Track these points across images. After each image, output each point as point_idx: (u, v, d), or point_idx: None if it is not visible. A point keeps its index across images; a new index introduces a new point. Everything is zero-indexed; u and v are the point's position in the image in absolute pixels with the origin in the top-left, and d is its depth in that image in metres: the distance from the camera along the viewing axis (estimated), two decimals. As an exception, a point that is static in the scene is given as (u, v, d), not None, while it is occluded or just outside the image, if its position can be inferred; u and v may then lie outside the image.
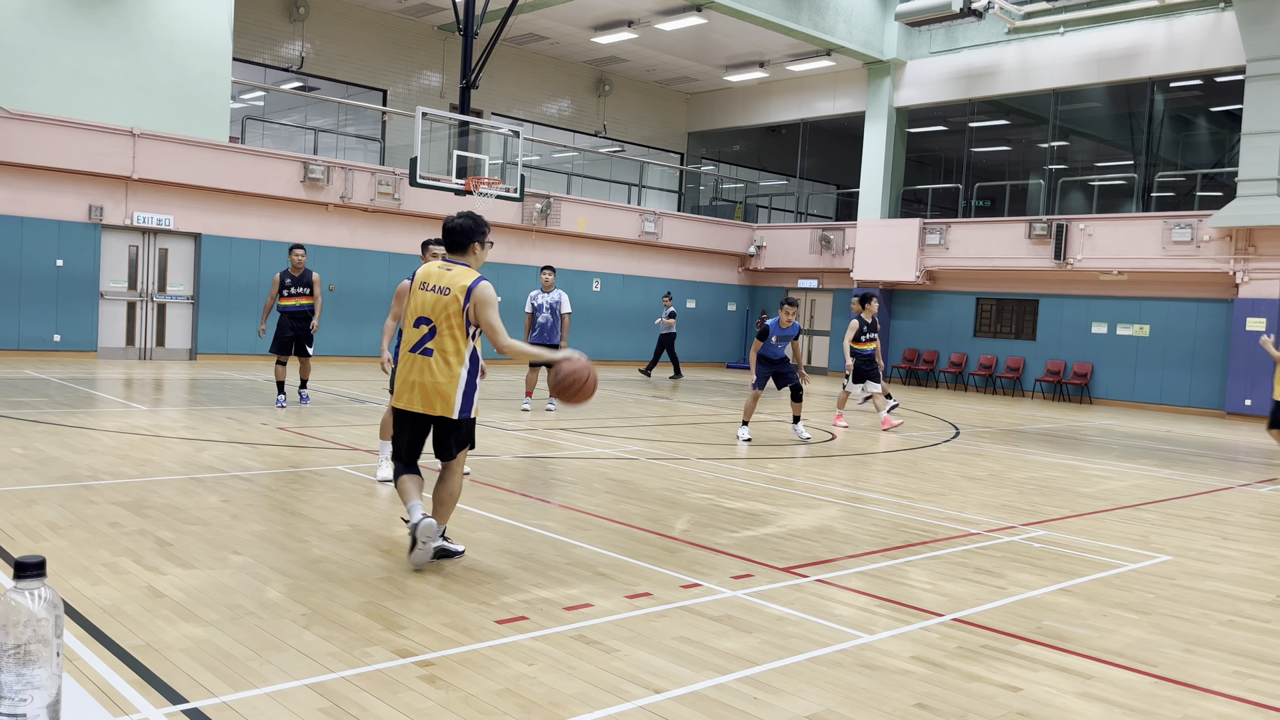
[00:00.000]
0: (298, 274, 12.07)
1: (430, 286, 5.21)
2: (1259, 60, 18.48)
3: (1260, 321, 18.93)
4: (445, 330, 5.15)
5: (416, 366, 5.16)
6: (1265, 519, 8.32)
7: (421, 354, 5.15)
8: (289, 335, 11.94)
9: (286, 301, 12.01)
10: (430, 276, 5.25)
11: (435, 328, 5.15)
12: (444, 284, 5.20)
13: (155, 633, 4.00)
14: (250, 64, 21.61)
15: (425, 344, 5.16)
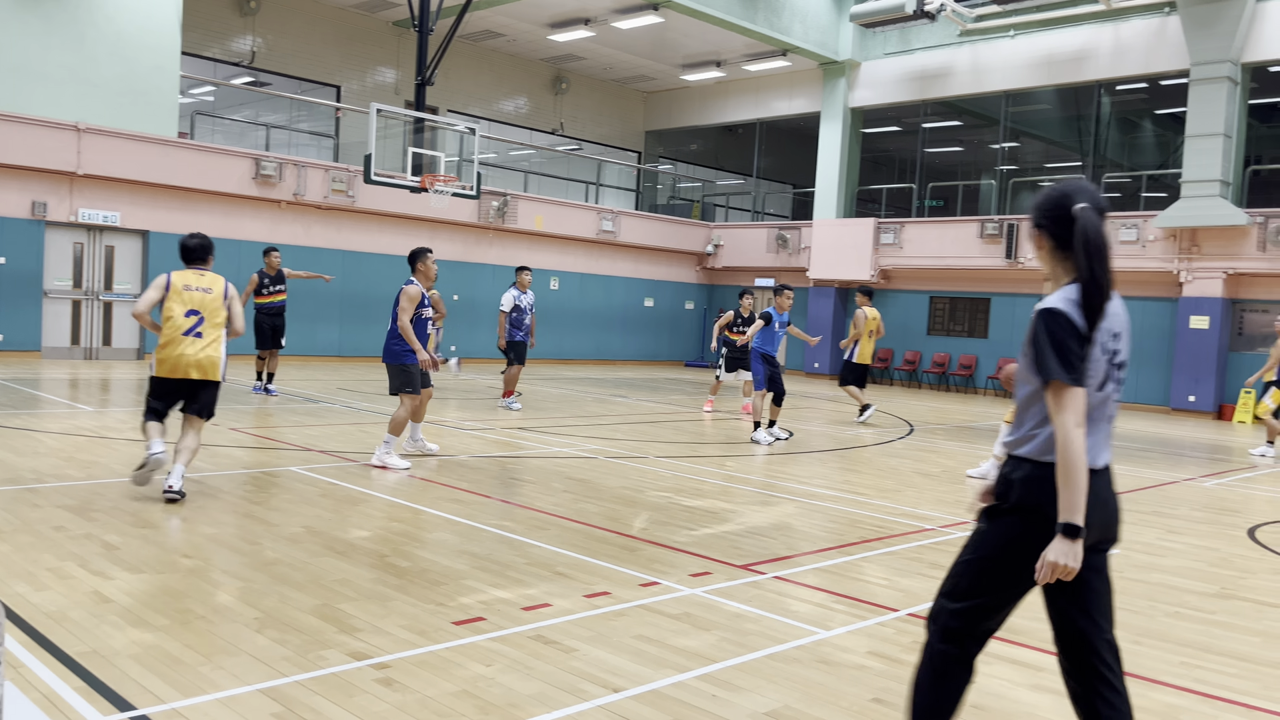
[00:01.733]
0: (274, 274, 13.50)
1: (194, 288, 6.84)
2: (1202, 64, 18.92)
3: (1204, 320, 19.38)
4: (211, 319, 6.83)
5: (192, 346, 6.71)
6: (1209, 513, 8.52)
7: (195, 336, 6.74)
8: (267, 329, 13.41)
9: (264, 300, 13.44)
10: (191, 280, 6.86)
11: (203, 318, 6.80)
12: (205, 285, 6.89)
13: (102, 639, 3.92)
14: (200, 58, 21.23)
15: (196, 329, 6.76)
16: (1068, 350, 2.71)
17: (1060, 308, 2.75)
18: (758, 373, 11.59)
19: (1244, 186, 19.82)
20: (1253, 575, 6.21)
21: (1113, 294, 2.82)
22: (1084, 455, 2.67)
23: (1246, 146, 19.95)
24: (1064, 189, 2.85)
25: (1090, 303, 2.75)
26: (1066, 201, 2.82)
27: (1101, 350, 2.79)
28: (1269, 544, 7.22)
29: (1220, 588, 5.84)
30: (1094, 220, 2.77)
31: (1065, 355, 2.71)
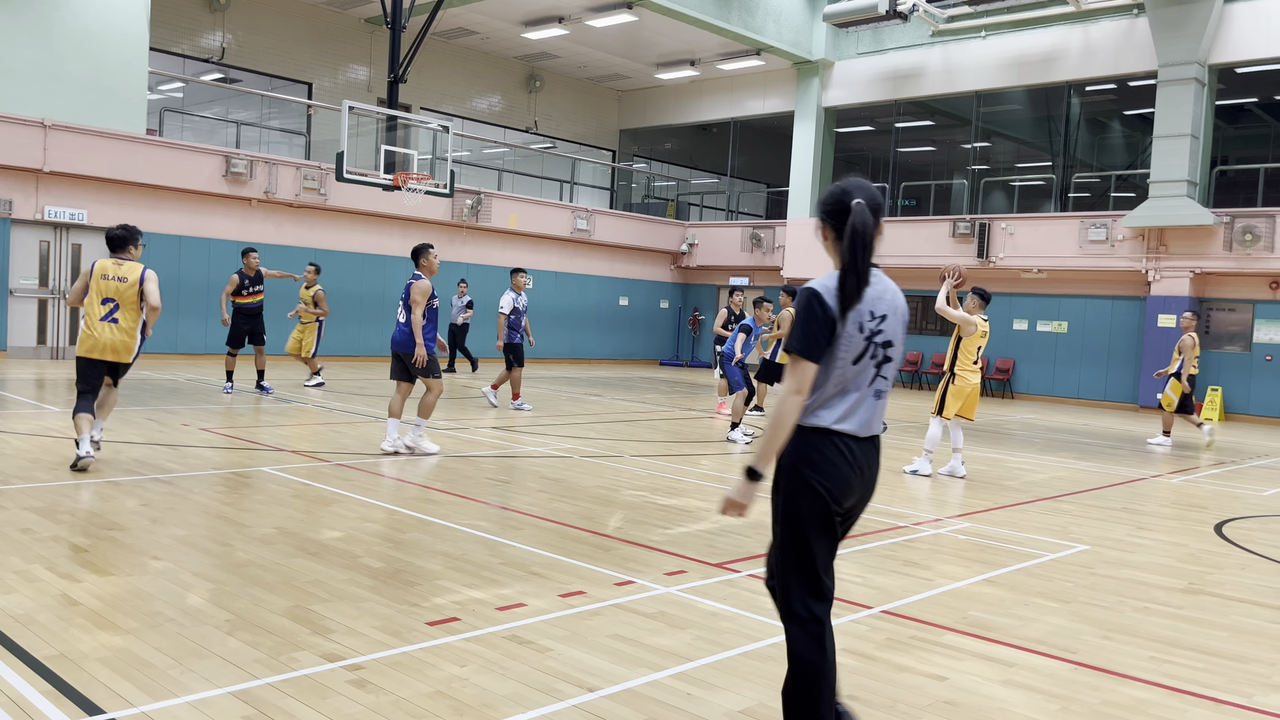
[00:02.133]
0: (252, 274, 13.54)
1: (111, 276, 7.50)
2: (1170, 65, 19.16)
3: (1171, 318, 19.64)
4: (126, 306, 7.51)
5: (108, 331, 7.51)
6: (1177, 508, 8.63)
7: (110, 322, 7.51)
8: (244, 329, 13.46)
9: (244, 300, 13.45)
10: (110, 269, 7.53)
11: (118, 304, 7.50)
12: (122, 274, 7.52)
13: (70, 642, 3.87)
14: (168, 54, 20.98)
15: (112, 315, 7.50)
16: (809, 327, 3.05)
17: (819, 290, 3.08)
18: (734, 375, 11.90)
19: (1211, 187, 20.10)
20: (1220, 570, 6.30)
21: (876, 280, 3.14)
22: (791, 418, 3.04)
23: (1213, 147, 20.24)
24: (844, 185, 3.14)
25: (846, 288, 3.05)
26: (845, 198, 3.10)
27: (859, 329, 3.09)
28: (1236, 539, 7.33)
29: (1188, 583, 5.92)
30: (864, 215, 3.06)
31: (806, 331, 3.05)
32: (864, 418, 3.13)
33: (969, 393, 9.58)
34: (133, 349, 7.61)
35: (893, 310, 3.18)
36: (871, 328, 3.12)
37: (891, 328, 3.18)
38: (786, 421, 3.03)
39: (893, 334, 3.18)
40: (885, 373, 3.18)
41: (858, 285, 3.05)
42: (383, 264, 21.69)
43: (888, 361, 3.18)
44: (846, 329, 3.07)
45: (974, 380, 9.58)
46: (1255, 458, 12.92)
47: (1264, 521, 8.17)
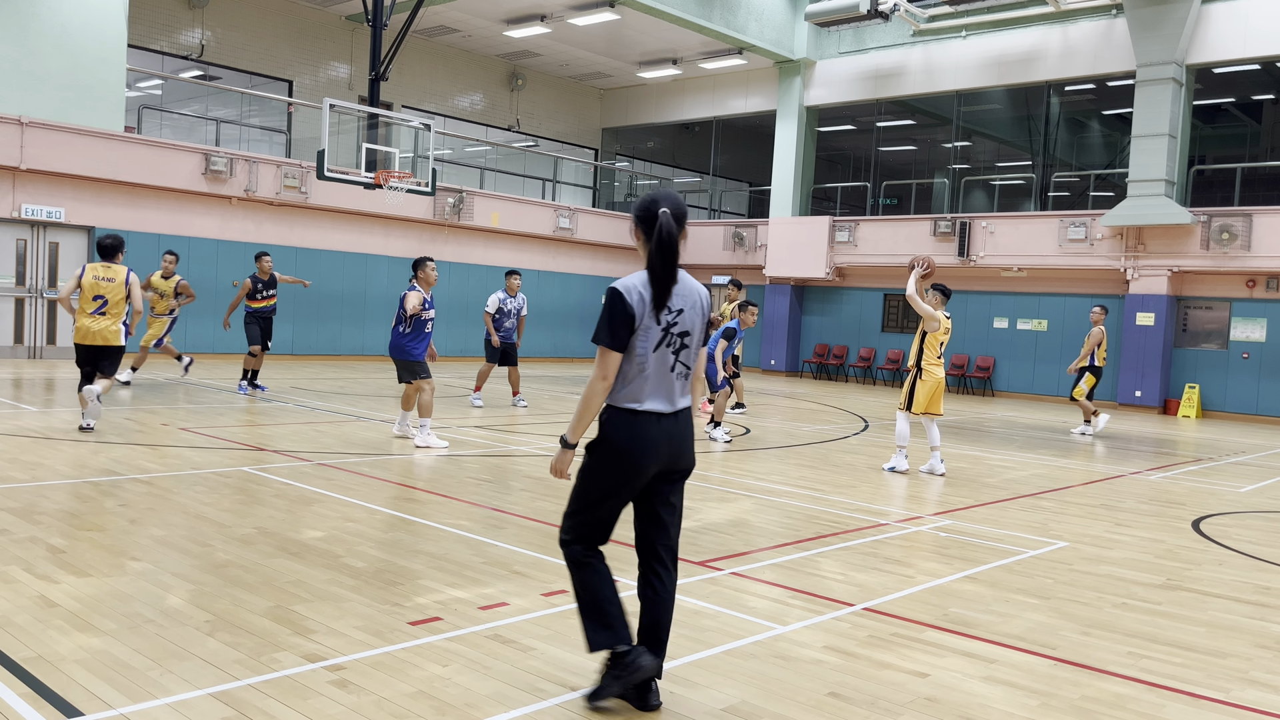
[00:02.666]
0: (266, 278, 13.64)
1: (101, 278, 9.36)
2: (1148, 65, 19.31)
3: (1149, 316, 19.80)
4: (113, 303, 9.34)
5: (97, 322, 9.28)
6: (1155, 505, 8.71)
7: (99, 315, 9.30)
8: (260, 332, 13.62)
9: (258, 304, 13.60)
10: (100, 272, 9.39)
11: (106, 301, 9.30)
12: (109, 276, 9.40)
13: (48, 644, 3.83)
14: (147, 51, 20.80)
15: (100, 310, 9.31)
16: (612, 322, 3.51)
17: (620, 288, 3.53)
18: (714, 374, 11.91)
19: (1188, 186, 20.28)
20: (1197, 566, 6.36)
21: (679, 278, 3.61)
22: (598, 399, 3.55)
23: (1191, 147, 20.42)
24: (654, 195, 3.61)
25: (656, 286, 3.54)
26: (654, 206, 3.57)
27: (656, 321, 3.55)
28: (1213, 535, 7.40)
29: (1166, 579, 5.97)
30: (669, 223, 3.54)
31: (610, 325, 3.51)
32: (667, 395, 3.61)
33: (935, 387, 9.61)
34: (118, 335, 9.35)
35: (689, 304, 3.65)
36: (668, 320, 3.58)
37: (688, 319, 3.64)
38: (594, 402, 3.56)
39: (689, 325, 3.64)
40: (684, 358, 3.65)
41: (666, 284, 3.54)
42: (364, 263, 21.60)
43: (685, 348, 3.65)
44: (644, 321, 3.53)
45: (939, 375, 9.63)
46: (1232, 455, 13.05)
47: (1240, 518, 8.26)
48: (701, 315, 3.70)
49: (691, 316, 3.65)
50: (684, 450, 3.67)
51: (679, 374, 3.64)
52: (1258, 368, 19.12)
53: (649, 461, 3.56)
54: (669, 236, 3.54)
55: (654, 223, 3.57)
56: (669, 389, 3.61)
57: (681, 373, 3.64)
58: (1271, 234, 18.45)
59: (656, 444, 3.56)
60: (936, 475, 9.60)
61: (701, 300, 3.71)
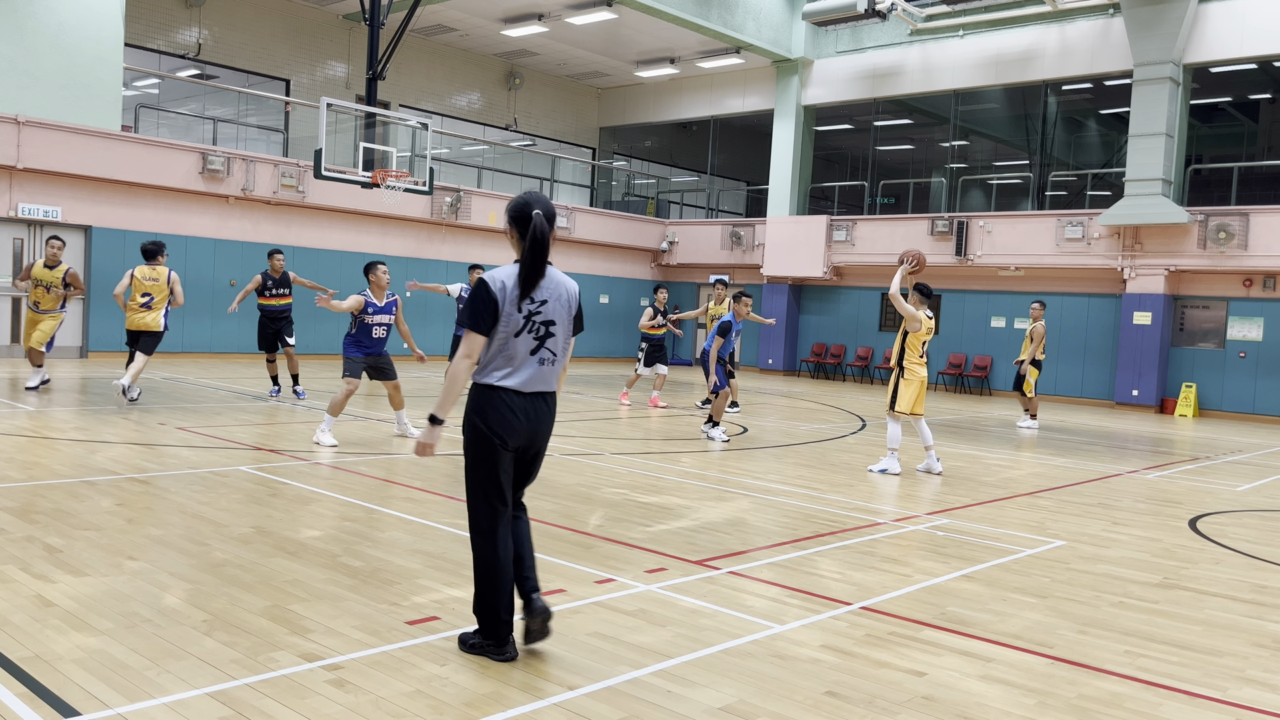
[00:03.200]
0: (278, 276, 13.32)
1: (147, 278, 11.41)
2: (1145, 65, 19.33)
3: (1146, 316, 19.83)
4: (156, 297, 11.41)
5: (141, 313, 11.36)
6: (1152, 504, 8.72)
7: (145, 308, 11.36)
8: (270, 332, 13.30)
9: (268, 302, 13.28)
10: (146, 273, 11.44)
11: (152, 296, 11.38)
12: (154, 275, 11.45)
13: (45, 643, 3.83)
14: (144, 50, 20.78)
15: (147, 304, 11.35)
16: (475, 308, 3.92)
17: (486, 279, 3.96)
18: (720, 374, 11.56)
19: (1185, 185, 20.30)
20: (1194, 565, 6.37)
21: (549, 274, 4.04)
22: (462, 377, 3.94)
23: (1188, 146, 20.44)
24: (526, 198, 4.03)
25: (526, 279, 3.98)
26: (527, 209, 4.00)
27: (519, 310, 3.97)
28: (1210, 534, 7.41)
29: (1163, 578, 5.98)
30: (542, 224, 3.97)
31: (473, 311, 3.92)
32: (526, 377, 3.99)
33: (917, 386, 9.64)
34: (158, 322, 11.39)
35: (555, 297, 4.06)
36: (530, 309, 4.00)
37: (552, 310, 4.05)
38: (459, 379, 3.95)
39: (554, 315, 4.06)
40: (549, 345, 4.04)
41: (535, 278, 3.98)
42: (361, 262, 21.55)
43: (550, 336, 4.04)
44: (507, 309, 3.95)
45: (921, 373, 9.67)
46: (1228, 454, 13.07)
47: (1237, 516, 8.27)
48: (567, 308, 4.12)
49: (556, 308, 4.06)
50: (541, 430, 4.08)
51: (541, 359, 4.03)
52: (1254, 367, 19.15)
53: (510, 435, 3.97)
54: (542, 235, 3.97)
55: (528, 223, 3.97)
56: (530, 372, 4.01)
57: (545, 358, 4.04)
58: (1268, 233, 18.47)
59: (515, 419, 3.97)
60: (934, 474, 9.61)
61: (568, 294, 4.13)
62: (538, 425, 4.05)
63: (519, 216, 4.01)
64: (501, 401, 3.96)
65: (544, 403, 4.07)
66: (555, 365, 4.08)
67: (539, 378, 4.03)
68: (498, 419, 3.95)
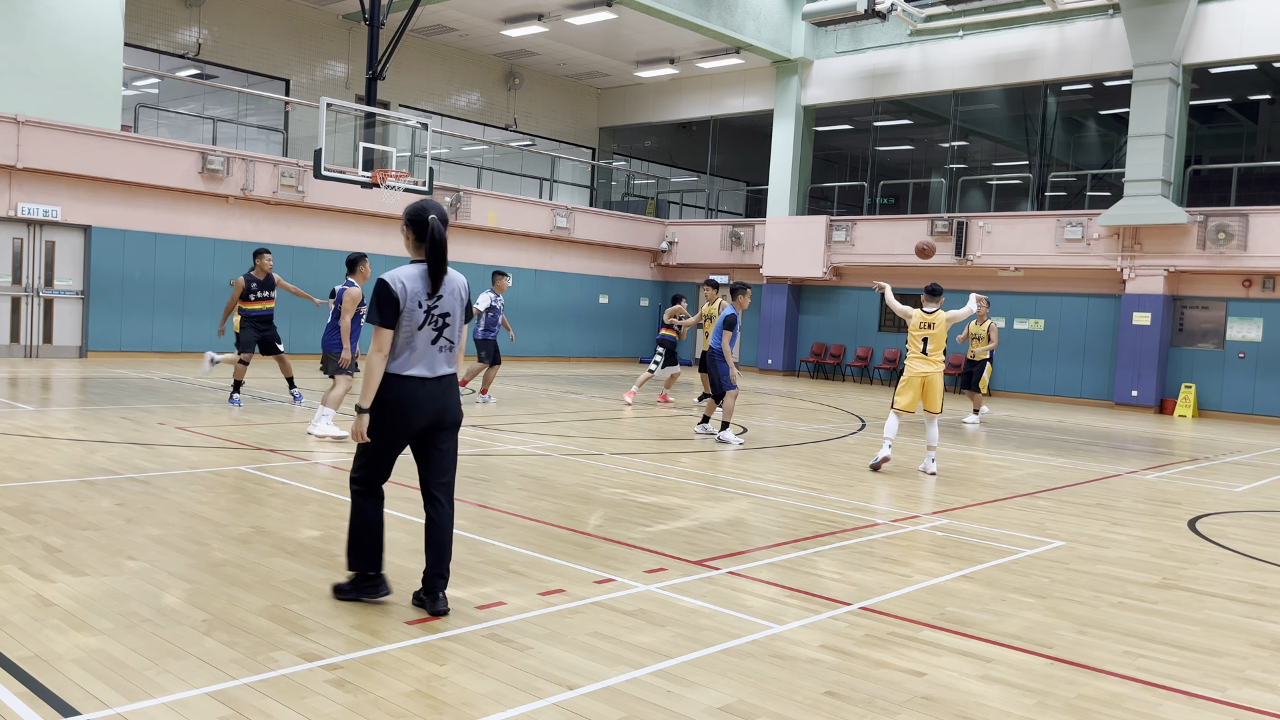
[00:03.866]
0: (263, 278, 12.19)
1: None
2: (1145, 65, 19.33)
3: (1145, 316, 19.83)
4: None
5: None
6: (1151, 504, 8.72)
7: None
8: (255, 338, 12.13)
9: (252, 306, 12.13)
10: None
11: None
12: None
13: (44, 643, 3.83)
14: (144, 50, 20.78)
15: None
16: (381, 306, 4.38)
17: (387, 279, 4.40)
18: (725, 373, 11.21)
19: (1185, 186, 20.31)
20: (1193, 566, 6.37)
21: (446, 273, 4.52)
22: (378, 369, 4.38)
23: (1187, 146, 20.44)
24: (422, 204, 4.48)
25: (433, 278, 4.46)
26: (424, 214, 4.46)
27: (419, 306, 4.43)
28: (1209, 535, 7.42)
29: (1162, 578, 5.98)
30: (438, 227, 4.43)
31: (379, 308, 4.38)
32: (430, 364, 4.48)
33: (910, 379, 9.69)
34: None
35: (449, 292, 4.55)
36: (429, 305, 4.47)
37: (447, 304, 4.54)
38: (375, 371, 4.39)
39: (449, 308, 4.55)
40: (447, 335, 4.54)
41: (437, 276, 4.45)
42: (361, 262, 21.56)
43: (447, 327, 4.54)
44: (409, 305, 4.39)
45: (919, 369, 9.67)
46: (1228, 454, 13.07)
47: (1237, 517, 8.27)
48: (460, 301, 4.61)
49: (451, 301, 4.56)
50: (447, 407, 4.56)
51: (441, 347, 4.53)
52: (1254, 367, 19.15)
53: (417, 417, 4.46)
54: (441, 238, 4.42)
55: (425, 227, 4.43)
56: (432, 359, 4.50)
57: (444, 346, 4.54)
58: (1268, 234, 18.48)
59: (422, 403, 4.45)
60: (927, 474, 9.61)
61: (460, 289, 4.63)
62: (444, 403, 4.54)
63: (416, 221, 4.46)
64: (411, 388, 4.43)
65: (448, 385, 4.59)
66: (453, 351, 4.61)
67: (441, 363, 4.54)
68: (408, 404, 4.42)
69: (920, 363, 9.70)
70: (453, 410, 4.58)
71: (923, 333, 9.71)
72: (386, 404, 4.41)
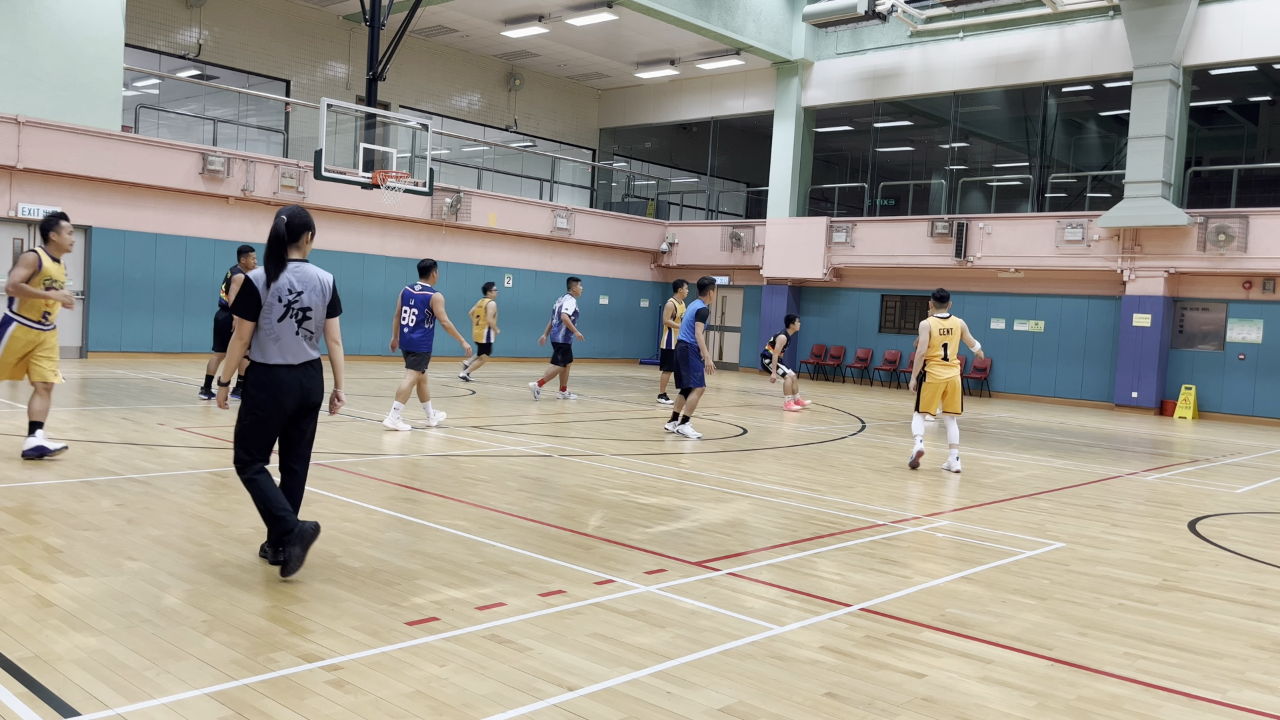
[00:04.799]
0: None
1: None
2: (1145, 67, 19.34)
3: (1145, 318, 19.83)
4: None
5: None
6: (1151, 506, 8.72)
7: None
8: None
9: None
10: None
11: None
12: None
13: (44, 643, 3.83)
14: (144, 50, 20.79)
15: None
16: (243, 300, 4.94)
17: (250, 277, 4.95)
18: (697, 369, 11.43)
19: (1185, 187, 20.31)
20: (1193, 567, 6.37)
21: (297, 268, 5.03)
22: (237, 354, 4.98)
23: (1187, 148, 20.45)
24: (286, 209, 5.07)
25: (268, 272, 4.95)
26: (281, 215, 5.01)
27: (279, 299, 4.94)
28: (1209, 536, 7.41)
29: (1162, 580, 5.98)
30: (279, 225, 4.98)
31: (242, 302, 4.94)
32: (294, 352, 4.99)
33: (937, 386, 9.95)
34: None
35: (310, 288, 5.05)
36: (289, 298, 4.97)
37: (308, 298, 5.03)
38: (235, 355, 4.97)
39: (310, 302, 5.04)
40: (307, 326, 5.04)
41: (273, 270, 4.93)
42: (361, 262, 21.59)
43: (308, 319, 5.04)
44: (269, 299, 4.92)
45: (943, 375, 9.93)
46: (1228, 456, 13.07)
47: (1237, 518, 8.27)
48: (322, 296, 5.09)
49: (311, 297, 5.05)
50: (311, 391, 5.06)
51: (304, 337, 5.03)
52: (1254, 369, 19.15)
53: (287, 400, 4.97)
54: (274, 234, 4.96)
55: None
56: (296, 348, 5.01)
57: (306, 336, 5.05)
58: (1268, 235, 18.48)
59: (288, 388, 4.96)
60: (952, 472, 9.95)
61: (322, 285, 5.11)
62: (310, 388, 5.05)
63: (275, 223, 5.02)
64: (277, 375, 4.95)
65: (313, 369, 5.09)
66: (316, 340, 5.11)
67: (303, 351, 5.04)
68: (275, 389, 4.93)
69: (943, 369, 9.95)
70: (315, 393, 5.09)
71: (943, 339, 9.93)
72: (261, 390, 4.92)
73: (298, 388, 4.98)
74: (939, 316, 9.98)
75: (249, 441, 4.98)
